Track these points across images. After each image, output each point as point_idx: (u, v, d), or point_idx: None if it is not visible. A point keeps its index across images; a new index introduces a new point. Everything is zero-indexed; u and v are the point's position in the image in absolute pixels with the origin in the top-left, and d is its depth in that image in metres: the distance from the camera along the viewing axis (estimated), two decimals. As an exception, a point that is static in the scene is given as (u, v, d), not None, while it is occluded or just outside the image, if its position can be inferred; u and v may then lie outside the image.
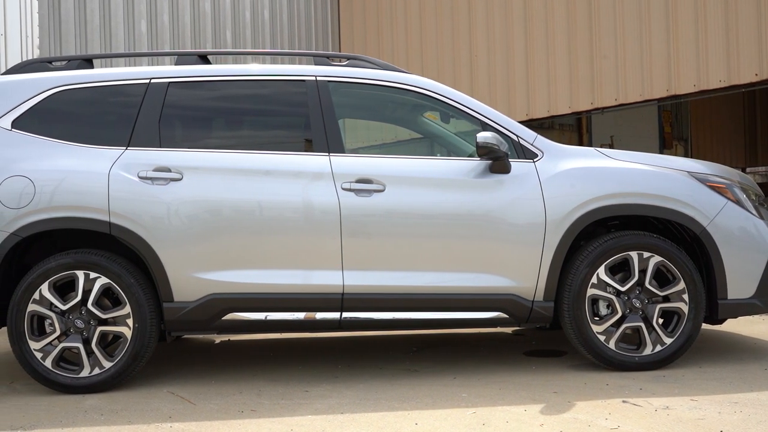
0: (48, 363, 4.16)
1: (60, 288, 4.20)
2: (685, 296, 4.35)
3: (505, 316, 4.34)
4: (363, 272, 4.24)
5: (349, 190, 4.26)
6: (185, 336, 5.82)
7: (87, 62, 4.70)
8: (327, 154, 4.34)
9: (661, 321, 4.39)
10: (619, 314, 4.34)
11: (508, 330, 5.96)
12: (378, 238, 4.25)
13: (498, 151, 4.25)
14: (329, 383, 4.35)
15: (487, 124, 4.49)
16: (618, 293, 4.36)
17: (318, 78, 4.51)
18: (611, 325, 4.35)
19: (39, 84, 4.43)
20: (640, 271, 4.34)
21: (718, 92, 8.55)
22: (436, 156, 4.64)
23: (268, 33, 11.55)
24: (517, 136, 4.49)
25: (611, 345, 4.35)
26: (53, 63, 4.67)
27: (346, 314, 4.27)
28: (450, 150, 5.13)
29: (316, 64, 4.62)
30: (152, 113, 4.38)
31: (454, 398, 3.96)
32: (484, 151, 4.23)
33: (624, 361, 4.36)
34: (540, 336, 5.70)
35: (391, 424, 3.54)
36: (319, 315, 4.28)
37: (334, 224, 4.22)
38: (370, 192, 4.27)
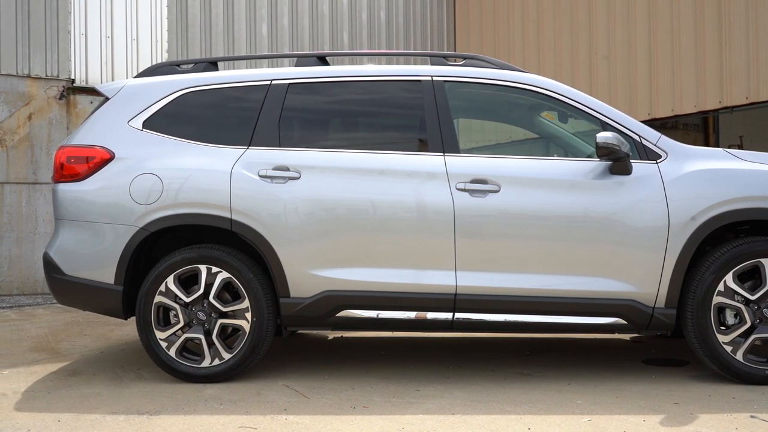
0: (172, 352, 4.36)
1: (184, 281, 4.39)
2: (823, 308, 4.08)
3: (624, 322, 4.20)
4: (476, 273, 4.21)
5: (464, 190, 4.24)
6: (300, 331, 5.95)
7: (212, 65, 4.90)
8: (442, 154, 4.33)
9: (795, 333, 4.13)
10: (748, 324, 4.12)
11: (626, 337, 5.76)
12: (492, 239, 4.21)
13: (619, 152, 4.12)
14: (440, 383, 4.34)
15: (607, 123, 4.37)
16: (747, 302, 4.13)
17: (434, 78, 4.51)
18: (739, 336, 4.13)
19: (168, 86, 4.65)
20: (772, 280, 4.10)
21: None
22: (552, 156, 4.54)
23: (384, 34, 11.67)
24: (640, 136, 4.33)
25: (739, 356, 4.13)
26: (181, 66, 4.88)
27: (458, 315, 4.25)
28: (568, 150, 5.01)
29: (432, 64, 4.62)
30: (272, 114, 4.50)
31: (569, 404, 3.87)
32: (604, 151, 4.11)
33: (753, 374, 4.13)
34: (660, 344, 5.47)
35: (502, 428, 3.49)
36: (431, 315, 4.27)
37: (447, 224, 4.21)
38: (484, 192, 4.23)
